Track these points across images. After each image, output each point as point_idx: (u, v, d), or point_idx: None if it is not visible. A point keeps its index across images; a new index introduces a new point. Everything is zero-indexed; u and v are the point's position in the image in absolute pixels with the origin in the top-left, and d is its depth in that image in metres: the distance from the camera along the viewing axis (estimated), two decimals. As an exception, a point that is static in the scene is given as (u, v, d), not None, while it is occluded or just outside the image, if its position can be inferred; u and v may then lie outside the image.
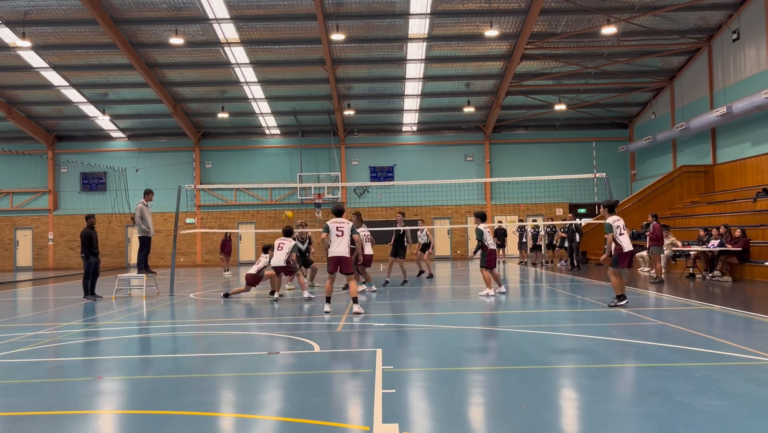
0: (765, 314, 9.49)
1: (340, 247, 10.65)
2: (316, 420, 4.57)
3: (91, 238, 14.16)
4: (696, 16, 22.56)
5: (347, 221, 11.02)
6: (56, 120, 31.30)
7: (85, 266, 14.12)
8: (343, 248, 10.64)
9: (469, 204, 31.55)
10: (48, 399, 5.43)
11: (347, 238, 10.73)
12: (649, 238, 16.29)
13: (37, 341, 8.47)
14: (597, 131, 31.98)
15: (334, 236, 10.66)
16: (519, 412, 4.71)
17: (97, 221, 15.20)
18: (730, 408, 4.70)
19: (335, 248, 10.60)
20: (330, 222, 10.84)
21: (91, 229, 14.26)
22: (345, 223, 10.87)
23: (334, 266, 10.61)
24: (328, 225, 10.75)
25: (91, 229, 14.26)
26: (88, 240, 14.12)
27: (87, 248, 14.11)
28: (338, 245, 10.62)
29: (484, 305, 11.80)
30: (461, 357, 7.09)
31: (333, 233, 10.67)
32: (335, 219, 10.91)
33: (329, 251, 10.63)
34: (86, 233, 14.15)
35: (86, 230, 14.21)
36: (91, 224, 14.34)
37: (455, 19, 22.47)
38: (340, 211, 11.07)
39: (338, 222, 10.82)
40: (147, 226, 14.58)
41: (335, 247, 10.61)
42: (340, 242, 10.64)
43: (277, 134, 32.81)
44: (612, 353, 6.89)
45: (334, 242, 10.64)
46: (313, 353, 7.23)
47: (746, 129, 22.16)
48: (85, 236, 14.12)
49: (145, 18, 22.31)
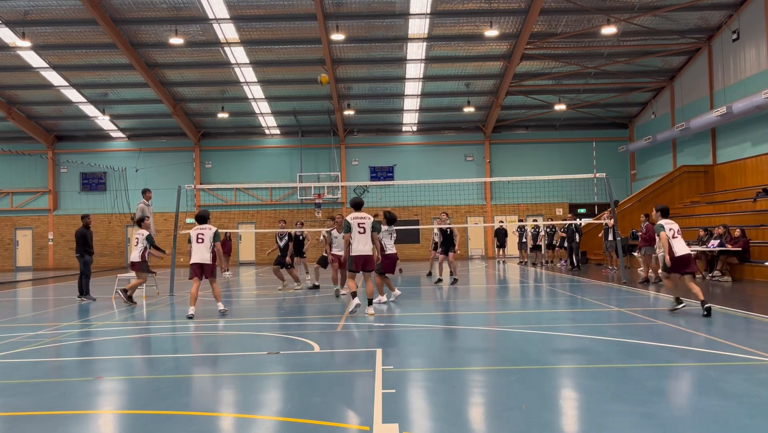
0: (765, 314, 9.49)
1: (366, 245, 10.20)
2: (316, 420, 4.57)
3: (86, 237, 14.15)
4: (696, 16, 22.56)
5: (368, 216, 10.47)
6: (56, 120, 31.30)
7: (82, 265, 14.12)
8: (366, 246, 10.21)
9: (469, 204, 31.56)
10: (48, 399, 5.42)
11: (369, 234, 10.27)
12: (641, 238, 16.26)
13: (37, 341, 8.47)
14: (597, 131, 31.98)
15: (356, 234, 10.19)
16: (519, 412, 4.71)
17: (96, 221, 15.19)
18: (730, 408, 4.69)
19: (358, 245, 10.19)
20: (350, 218, 10.34)
21: (86, 228, 14.26)
22: (366, 218, 10.36)
23: (358, 264, 10.26)
24: (348, 222, 10.25)
25: (86, 228, 14.26)
26: (83, 239, 14.11)
27: (82, 247, 14.10)
28: (362, 243, 10.19)
29: (483, 305, 11.80)
30: (461, 357, 7.09)
31: (355, 230, 10.19)
32: (355, 214, 10.38)
33: (352, 249, 10.18)
34: (81, 232, 14.15)
35: (81, 229, 14.21)
36: (86, 223, 14.34)
37: (455, 19, 22.47)
38: (359, 204, 10.50)
39: (359, 217, 10.31)
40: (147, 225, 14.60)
41: (358, 245, 10.19)
42: (363, 240, 10.19)
43: (277, 134, 32.81)
44: (612, 353, 6.88)
45: (356, 239, 10.18)
46: (313, 353, 7.23)
47: (746, 129, 22.16)
48: (80, 235, 14.12)
49: (145, 18, 22.31)
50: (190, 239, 10.68)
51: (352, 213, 10.42)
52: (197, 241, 10.62)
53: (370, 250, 10.29)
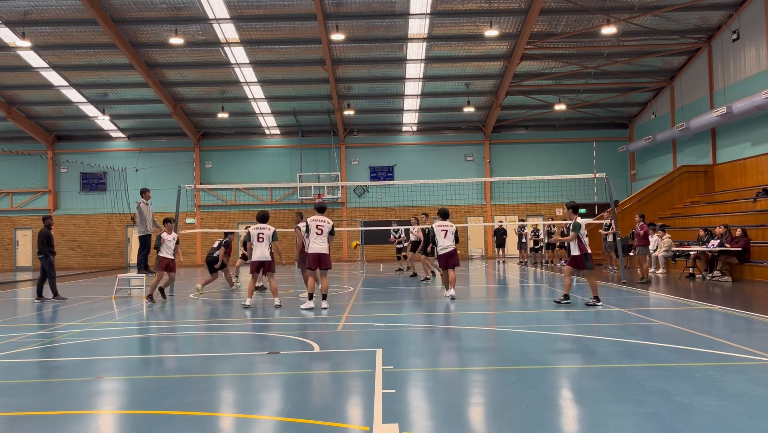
0: (765, 314, 9.49)
1: (322, 244, 11.27)
2: (316, 420, 4.58)
3: (49, 237, 14.15)
4: (696, 16, 22.56)
5: (329, 220, 11.48)
6: (56, 120, 31.30)
7: (46, 266, 14.06)
8: (323, 245, 11.29)
9: (469, 204, 31.57)
10: (48, 399, 5.43)
11: (326, 236, 11.34)
12: (636, 238, 16.29)
13: (37, 341, 8.47)
14: (597, 131, 31.98)
15: (313, 234, 11.26)
16: (519, 412, 4.71)
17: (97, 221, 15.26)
18: (730, 408, 4.70)
19: (314, 244, 11.23)
20: (310, 220, 11.39)
21: (48, 229, 14.23)
22: (326, 221, 11.39)
23: (315, 262, 11.26)
24: (308, 224, 11.33)
25: (48, 229, 14.23)
26: (47, 239, 14.07)
27: (46, 247, 14.04)
28: (318, 242, 11.26)
29: (483, 305, 11.80)
30: (461, 357, 7.10)
31: (312, 231, 11.28)
32: (316, 216, 11.47)
33: (309, 247, 11.22)
34: (44, 232, 14.10)
35: (44, 230, 14.18)
36: (48, 224, 14.32)
37: (455, 19, 22.47)
38: (323, 209, 11.68)
39: (318, 220, 11.39)
40: (146, 224, 14.63)
41: (314, 244, 11.23)
42: (320, 240, 11.27)
43: (277, 134, 32.81)
44: (612, 353, 6.88)
45: (314, 239, 11.24)
46: (313, 353, 7.23)
47: (746, 129, 22.16)
48: (44, 236, 14.07)
49: (145, 18, 22.31)
50: (251, 237, 11.44)
51: (315, 216, 11.48)
52: (258, 240, 11.43)
53: (326, 249, 11.29)
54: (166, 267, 13.38)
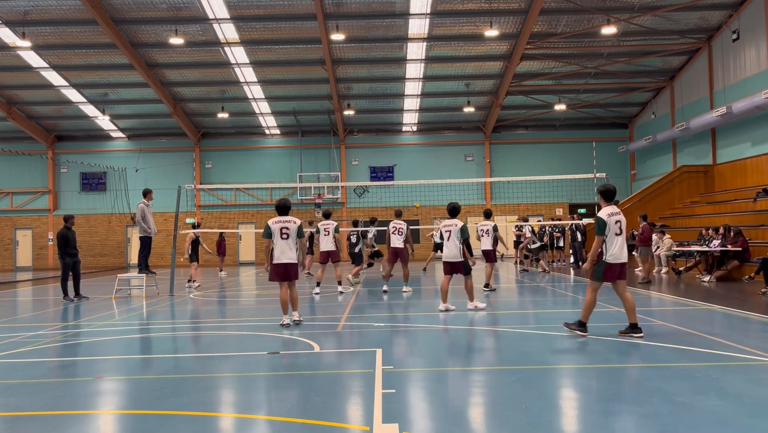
0: (765, 314, 9.50)
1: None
2: (316, 420, 4.58)
3: (67, 238, 14.05)
4: (696, 16, 22.56)
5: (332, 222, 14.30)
6: (56, 120, 31.29)
7: (62, 267, 14.07)
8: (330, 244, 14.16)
9: (469, 204, 31.54)
10: (48, 399, 5.43)
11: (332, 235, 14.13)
12: (638, 238, 16.30)
13: (37, 341, 8.47)
14: (597, 131, 31.97)
15: (322, 235, 14.21)
16: (519, 412, 4.71)
17: (97, 221, 15.23)
18: (730, 408, 4.70)
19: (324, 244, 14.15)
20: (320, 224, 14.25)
21: (68, 230, 14.17)
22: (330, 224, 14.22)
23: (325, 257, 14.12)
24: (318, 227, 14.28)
25: (68, 230, 14.17)
26: (63, 240, 14.04)
27: (62, 249, 14.01)
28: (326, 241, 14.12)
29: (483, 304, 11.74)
30: (461, 357, 7.10)
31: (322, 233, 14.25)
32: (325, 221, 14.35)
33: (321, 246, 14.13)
34: (62, 233, 14.07)
35: (62, 230, 14.12)
36: (67, 225, 14.23)
37: (455, 19, 22.47)
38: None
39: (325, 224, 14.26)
40: (148, 225, 14.59)
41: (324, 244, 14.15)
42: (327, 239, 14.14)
43: (277, 134, 32.80)
44: (612, 353, 6.89)
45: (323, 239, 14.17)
46: (313, 353, 7.23)
47: (746, 129, 22.16)
48: (61, 237, 14.05)
49: (145, 18, 22.31)
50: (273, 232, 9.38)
51: (323, 221, 14.37)
52: (281, 237, 9.40)
53: (334, 246, 14.09)
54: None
